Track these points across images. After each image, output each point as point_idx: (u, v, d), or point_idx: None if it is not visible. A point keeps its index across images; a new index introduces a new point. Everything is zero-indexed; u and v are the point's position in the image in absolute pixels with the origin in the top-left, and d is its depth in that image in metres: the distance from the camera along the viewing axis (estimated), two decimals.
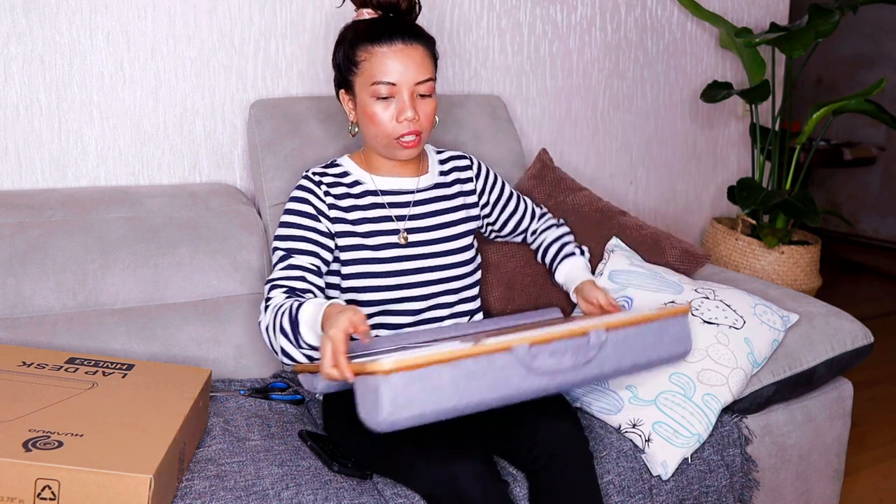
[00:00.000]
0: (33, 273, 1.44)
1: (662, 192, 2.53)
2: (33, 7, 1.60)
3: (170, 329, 1.48)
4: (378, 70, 1.30)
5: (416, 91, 1.32)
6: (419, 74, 1.31)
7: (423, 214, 1.43)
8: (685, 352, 1.27)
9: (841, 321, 1.61)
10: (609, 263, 1.63)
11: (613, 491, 1.28)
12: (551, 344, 1.10)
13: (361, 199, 1.40)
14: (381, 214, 1.40)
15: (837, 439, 1.63)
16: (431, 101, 1.35)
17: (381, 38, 1.30)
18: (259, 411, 1.39)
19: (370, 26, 1.32)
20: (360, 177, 1.42)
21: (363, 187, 1.41)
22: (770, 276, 2.37)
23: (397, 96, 1.31)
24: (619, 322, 1.18)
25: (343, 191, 1.39)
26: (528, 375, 1.08)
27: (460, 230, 1.46)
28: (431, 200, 1.45)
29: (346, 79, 1.36)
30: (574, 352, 1.12)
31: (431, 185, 1.46)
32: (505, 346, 1.06)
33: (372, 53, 1.30)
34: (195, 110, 1.78)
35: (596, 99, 2.33)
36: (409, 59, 1.30)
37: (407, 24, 1.34)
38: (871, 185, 4.57)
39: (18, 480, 0.94)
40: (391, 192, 1.42)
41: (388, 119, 1.32)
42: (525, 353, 1.07)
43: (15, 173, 1.64)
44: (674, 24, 2.41)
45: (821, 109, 2.29)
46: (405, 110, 1.30)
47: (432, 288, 1.40)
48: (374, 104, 1.31)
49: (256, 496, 1.12)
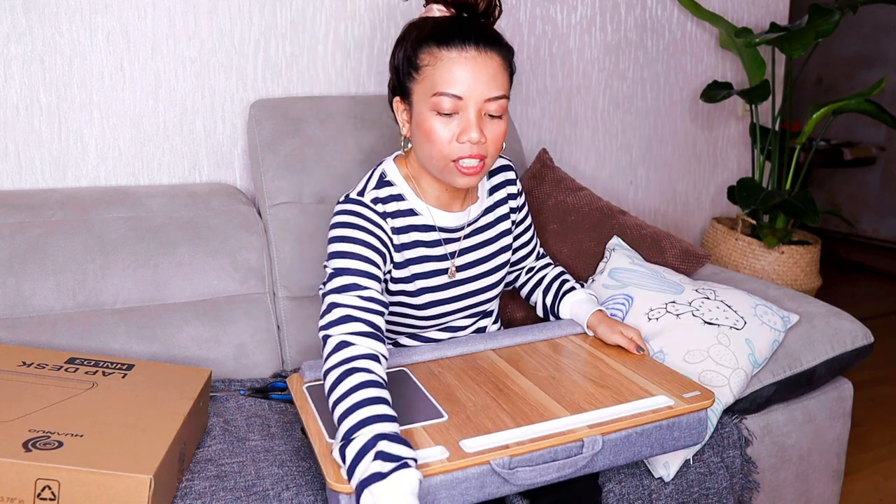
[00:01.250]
0: (33, 273, 1.44)
1: (662, 192, 2.53)
2: (33, 7, 1.60)
3: (170, 329, 1.48)
4: (443, 79, 1.10)
5: (484, 109, 1.12)
6: (491, 89, 1.11)
7: (471, 248, 1.31)
8: (695, 443, 1.15)
9: (841, 321, 1.60)
10: (610, 262, 1.63)
11: (613, 499, 1.27)
12: (536, 453, 1.00)
13: (423, 234, 1.24)
14: (435, 253, 1.26)
15: (837, 439, 1.63)
16: (502, 123, 1.15)
17: (451, 40, 1.10)
18: (259, 411, 1.39)
19: (439, 25, 1.13)
20: (416, 205, 1.23)
21: (421, 219, 1.23)
22: (770, 276, 2.37)
23: (462, 113, 1.12)
24: (621, 424, 1.06)
25: (403, 223, 1.22)
26: (505, 484, 1.01)
27: (502, 260, 1.36)
28: (478, 231, 1.32)
29: (403, 84, 1.17)
30: (560, 464, 1.02)
31: (481, 212, 1.32)
32: (482, 461, 0.98)
33: (438, 58, 1.11)
34: (195, 110, 1.78)
35: (596, 99, 2.33)
36: (481, 70, 1.10)
37: (483, 26, 1.14)
38: (871, 185, 4.57)
39: (18, 480, 0.94)
40: (446, 229, 1.27)
41: (447, 138, 1.12)
42: (503, 467, 0.99)
43: (15, 173, 1.64)
44: (674, 24, 2.41)
45: (821, 109, 2.29)
46: (469, 130, 1.11)
47: (466, 312, 1.35)
48: (434, 119, 1.12)
49: (256, 496, 1.12)
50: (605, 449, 1.06)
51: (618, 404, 1.11)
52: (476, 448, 1.01)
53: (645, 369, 1.24)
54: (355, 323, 1.07)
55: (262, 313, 1.57)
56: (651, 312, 1.48)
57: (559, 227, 1.74)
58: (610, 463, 1.08)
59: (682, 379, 1.21)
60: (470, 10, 1.17)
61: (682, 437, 1.13)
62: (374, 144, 1.72)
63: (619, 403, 1.12)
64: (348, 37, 1.89)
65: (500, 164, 1.39)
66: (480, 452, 1.00)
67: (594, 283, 1.61)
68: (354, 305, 1.09)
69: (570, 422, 1.06)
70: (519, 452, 1.00)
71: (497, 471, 0.99)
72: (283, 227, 1.62)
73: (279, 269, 1.61)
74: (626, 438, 1.08)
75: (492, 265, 1.34)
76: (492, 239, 1.34)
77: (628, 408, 1.10)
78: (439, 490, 0.98)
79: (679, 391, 1.16)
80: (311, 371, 1.23)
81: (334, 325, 1.07)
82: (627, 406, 1.11)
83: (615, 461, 1.08)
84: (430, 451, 1.00)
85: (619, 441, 1.07)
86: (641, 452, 1.10)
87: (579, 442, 1.04)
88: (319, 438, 1.05)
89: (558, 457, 1.03)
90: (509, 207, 1.37)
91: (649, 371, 1.24)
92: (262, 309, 1.57)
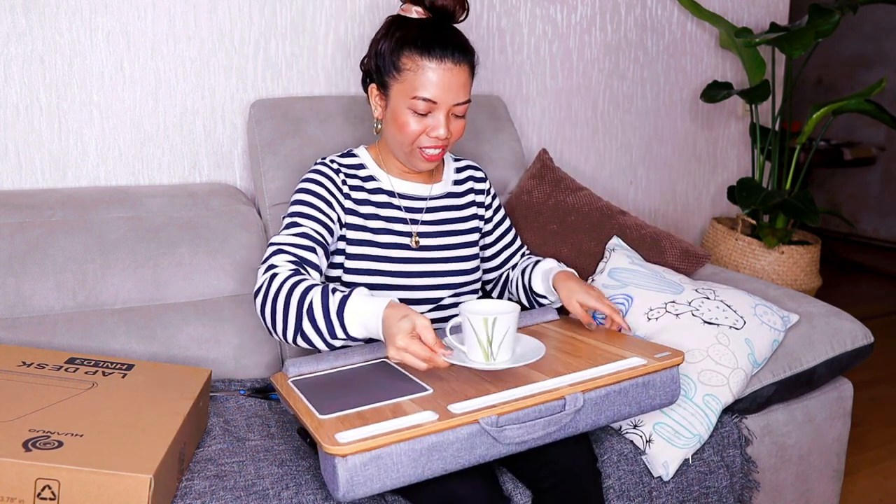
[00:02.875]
0: (33, 273, 1.44)
1: (662, 192, 2.53)
2: (33, 7, 1.60)
3: (170, 329, 1.48)
4: (421, 85, 1.27)
5: (452, 111, 1.30)
6: (460, 96, 1.29)
7: (436, 221, 1.43)
8: (671, 402, 1.23)
9: (841, 321, 1.60)
10: (610, 262, 1.63)
11: (613, 496, 1.28)
12: (522, 412, 1.06)
13: (375, 196, 1.39)
14: (395, 216, 1.39)
15: (837, 439, 1.63)
16: (463, 120, 1.34)
17: (432, 50, 1.26)
18: (259, 411, 1.39)
19: (422, 32, 1.28)
20: (376, 173, 1.41)
21: (377, 184, 1.40)
22: (770, 276, 2.37)
23: (433, 113, 1.29)
24: (599, 382, 1.13)
25: (357, 183, 1.38)
26: (494, 444, 1.05)
27: (470, 239, 1.47)
28: (444, 209, 1.45)
29: (382, 77, 1.32)
30: (546, 421, 1.08)
31: (444, 193, 1.47)
32: (471, 420, 1.03)
33: (419, 65, 1.27)
34: (195, 110, 1.78)
35: (596, 99, 2.33)
36: (454, 81, 1.27)
37: (458, 38, 1.30)
38: (871, 185, 4.58)
39: (18, 480, 0.94)
40: (406, 196, 1.42)
41: (417, 131, 1.30)
42: (492, 426, 1.04)
43: (15, 173, 1.64)
44: (674, 24, 2.41)
45: (821, 109, 2.29)
46: (438, 128, 1.29)
47: (439, 293, 1.40)
48: (409, 115, 1.29)
49: (256, 496, 1.12)
50: (587, 407, 1.12)
51: (595, 367, 1.18)
52: (464, 410, 1.05)
53: (617, 341, 1.31)
54: (283, 255, 1.23)
55: None
56: (651, 312, 1.48)
57: (559, 227, 1.74)
58: (593, 422, 1.14)
59: (652, 345, 1.28)
60: (447, 17, 1.31)
61: (658, 396, 1.20)
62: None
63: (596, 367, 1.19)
64: (348, 37, 1.90)
65: (471, 165, 1.54)
66: (469, 413, 1.03)
67: (594, 283, 1.61)
68: (286, 242, 1.25)
69: (552, 383, 1.12)
70: (506, 411, 1.05)
71: (486, 429, 1.03)
72: None
73: None
74: (606, 397, 1.14)
75: (461, 240, 1.45)
76: (457, 219, 1.46)
77: (605, 369, 1.17)
78: (431, 452, 1.01)
79: (651, 354, 1.23)
80: (295, 367, 1.24)
81: (265, 261, 1.23)
82: (604, 367, 1.18)
83: (598, 420, 1.14)
84: (419, 415, 1.03)
85: (599, 399, 1.13)
86: (621, 411, 1.17)
87: (562, 400, 1.09)
88: (309, 414, 1.07)
89: (543, 414, 1.08)
90: (474, 200, 1.51)
91: (621, 341, 1.31)
92: None
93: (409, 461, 1.00)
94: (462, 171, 1.52)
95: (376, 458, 0.98)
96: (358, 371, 1.22)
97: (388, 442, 0.98)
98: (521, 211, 1.77)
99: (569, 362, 1.21)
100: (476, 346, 1.10)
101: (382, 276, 1.36)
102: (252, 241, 1.61)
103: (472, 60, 1.32)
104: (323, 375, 1.21)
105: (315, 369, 1.24)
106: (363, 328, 1.12)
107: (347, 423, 1.03)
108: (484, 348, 1.10)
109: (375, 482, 0.99)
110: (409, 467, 1.00)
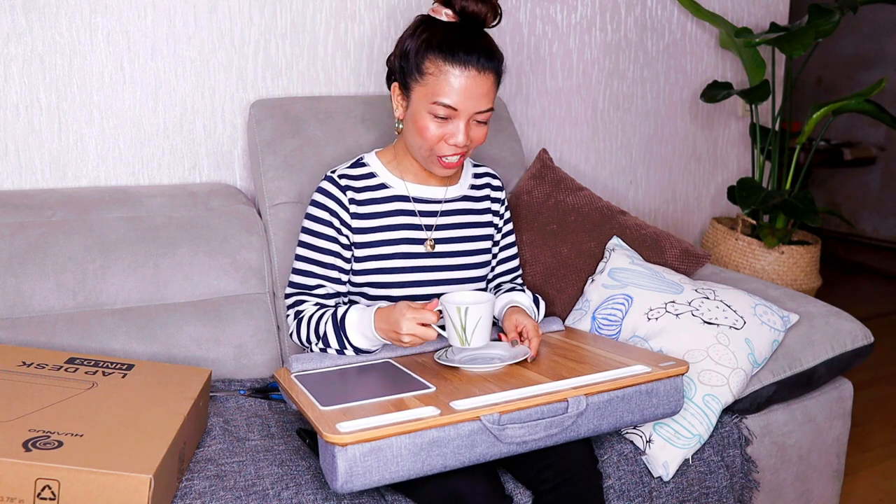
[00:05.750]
0: (33, 273, 1.44)
1: (662, 192, 2.53)
2: (33, 7, 1.60)
3: (170, 329, 1.48)
4: (443, 91, 1.24)
5: (474, 118, 1.27)
6: (482, 104, 1.26)
7: (451, 225, 1.42)
8: (674, 412, 1.23)
9: (841, 321, 1.60)
10: (609, 262, 1.63)
11: (613, 496, 1.28)
12: (524, 412, 1.07)
13: (388, 204, 1.38)
14: (410, 222, 1.38)
15: (837, 439, 1.63)
16: (486, 127, 1.31)
17: (456, 56, 1.23)
18: (259, 411, 1.39)
19: (448, 36, 1.25)
20: (389, 180, 1.39)
21: (391, 191, 1.39)
22: (770, 276, 2.37)
23: (454, 119, 1.26)
24: (602, 386, 1.13)
25: (367, 196, 1.37)
26: (495, 443, 1.06)
27: (484, 245, 1.46)
28: (460, 212, 1.44)
29: (405, 79, 1.30)
30: (548, 422, 1.08)
31: (460, 196, 1.45)
32: (473, 416, 1.03)
33: (442, 70, 1.24)
34: (195, 110, 1.78)
35: (596, 99, 2.33)
36: (477, 89, 1.24)
37: (485, 43, 1.26)
38: (871, 185, 4.58)
39: (18, 480, 0.94)
40: (421, 199, 1.40)
41: (437, 136, 1.27)
42: (493, 423, 1.04)
43: (15, 173, 1.64)
44: (674, 24, 2.41)
45: (821, 109, 2.29)
46: (457, 135, 1.27)
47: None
48: (429, 119, 1.27)
49: (256, 496, 1.12)
50: (589, 411, 1.12)
51: (598, 373, 1.19)
52: (467, 407, 1.06)
53: (622, 350, 1.32)
54: (303, 297, 1.34)
55: (262, 313, 1.57)
56: (650, 312, 1.48)
57: (559, 227, 1.74)
58: (594, 427, 1.14)
59: (657, 355, 1.28)
60: (477, 23, 1.28)
61: (661, 405, 1.20)
62: (374, 144, 1.72)
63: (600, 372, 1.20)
64: (348, 37, 1.90)
65: (489, 173, 1.52)
66: (471, 409, 1.04)
67: (594, 283, 1.61)
68: (301, 285, 1.35)
69: (555, 385, 1.13)
70: (508, 409, 1.06)
71: (488, 427, 1.04)
72: (283, 227, 1.62)
73: (279, 269, 1.61)
74: (609, 402, 1.14)
75: (476, 246, 1.44)
76: (473, 224, 1.45)
77: (608, 374, 1.18)
78: (431, 448, 1.01)
79: (655, 363, 1.24)
80: (299, 363, 1.26)
81: (289, 308, 1.36)
82: (608, 373, 1.19)
83: (599, 426, 1.14)
84: (421, 410, 1.04)
85: (602, 404, 1.14)
86: (623, 418, 1.17)
87: (564, 402, 1.10)
88: (310, 405, 1.09)
89: (545, 416, 1.08)
90: (490, 207, 1.49)
91: (625, 351, 1.31)
92: (262, 309, 1.57)
93: (410, 455, 1.00)
94: (480, 178, 1.50)
95: (376, 450, 0.98)
96: (361, 369, 1.25)
97: (389, 434, 0.99)
98: (521, 211, 1.77)
99: (573, 367, 1.21)
100: (453, 331, 1.20)
101: (396, 285, 1.37)
102: (252, 241, 1.61)
103: (499, 67, 1.28)
104: (326, 372, 1.23)
105: (318, 366, 1.25)
106: (365, 339, 1.25)
107: (349, 414, 1.04)
108: (459, 334, 1.19)
109: (374, 474, 0.99)
110: (409, 461, 1.01)
